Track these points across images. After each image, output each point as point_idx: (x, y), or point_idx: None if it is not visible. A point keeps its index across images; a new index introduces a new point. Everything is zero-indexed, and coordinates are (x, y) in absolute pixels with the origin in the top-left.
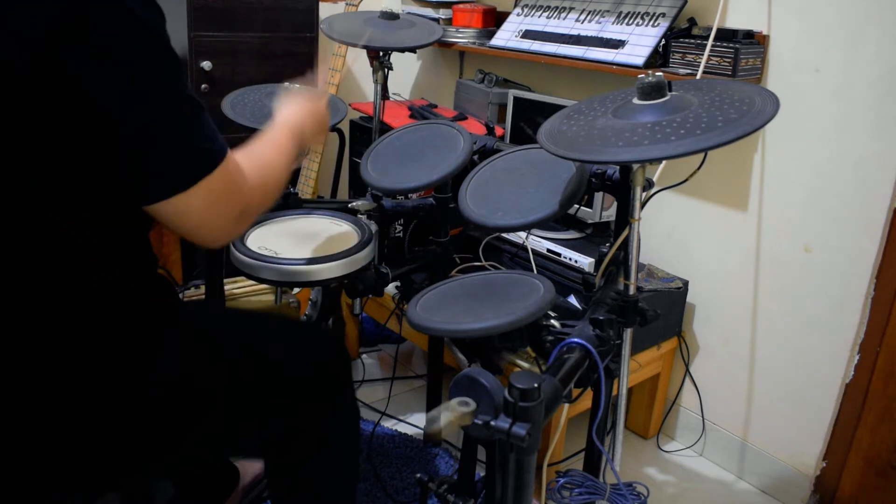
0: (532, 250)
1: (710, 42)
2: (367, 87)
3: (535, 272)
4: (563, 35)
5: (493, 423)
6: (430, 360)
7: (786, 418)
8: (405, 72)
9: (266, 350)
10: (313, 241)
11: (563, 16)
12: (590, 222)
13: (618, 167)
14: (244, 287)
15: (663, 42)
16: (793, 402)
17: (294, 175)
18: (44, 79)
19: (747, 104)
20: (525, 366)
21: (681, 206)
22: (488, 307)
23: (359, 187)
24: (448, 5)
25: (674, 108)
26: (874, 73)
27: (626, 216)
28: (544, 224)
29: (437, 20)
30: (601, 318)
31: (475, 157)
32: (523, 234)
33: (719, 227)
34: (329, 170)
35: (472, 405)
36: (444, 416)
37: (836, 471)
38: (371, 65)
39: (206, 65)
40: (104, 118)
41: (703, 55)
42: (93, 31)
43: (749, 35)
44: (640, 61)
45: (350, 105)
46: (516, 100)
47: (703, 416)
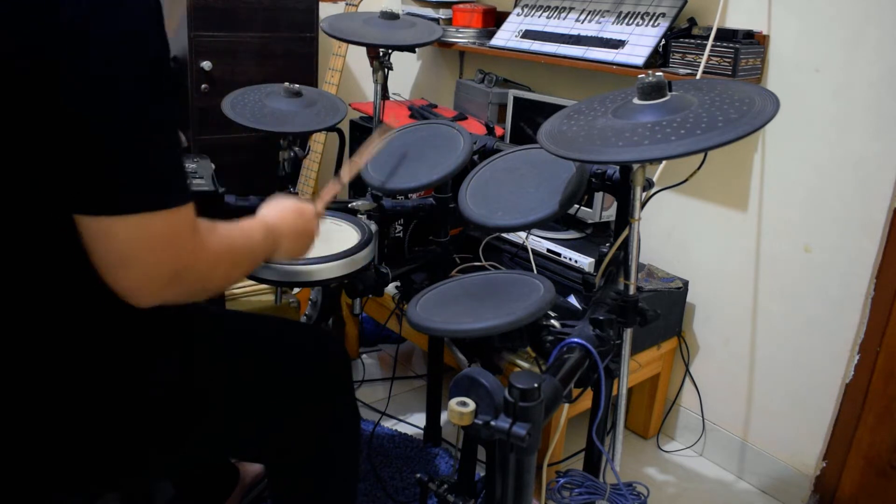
0: (532, 250)
1: (710, 42)
2: (367, 87)
3: (535, 272)
4: (563, 35)
5: (493, 423)
6: (430, 360)
7: (786, 418)
8: (405, 72)
9: (266, 350)
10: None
11: (563, 16)
12: (590, 222)
13: (618, 167)
14: (244, 287)
15: (663, 42)
16: (793, 402)
17: (294, 175)
18: (36, 86)
19: (747, 104)
20: (525, 366)
21: (681, 206)
22: (488, 307)
23: (359, 187)
24: (448, 5)
25: (674, 108)
26: (874, 73)
27: (626, 216)
28: (544, 224)
29: (437, 20)
30: (601, 318)
31: (475, 157)
32: (523, 234)
33: (719, 227)
34: (329, 170)
35: (471, 405)
36: None
37: (836, 471)
38: (371, 65)
39: (206, 65)
40: (79, 126)
41: (703, 55)
42: (93, 49)
43: (749, 35)
44: (640, 61)
45: (350, 105)
46: (516, 100)
47: (703, 416)
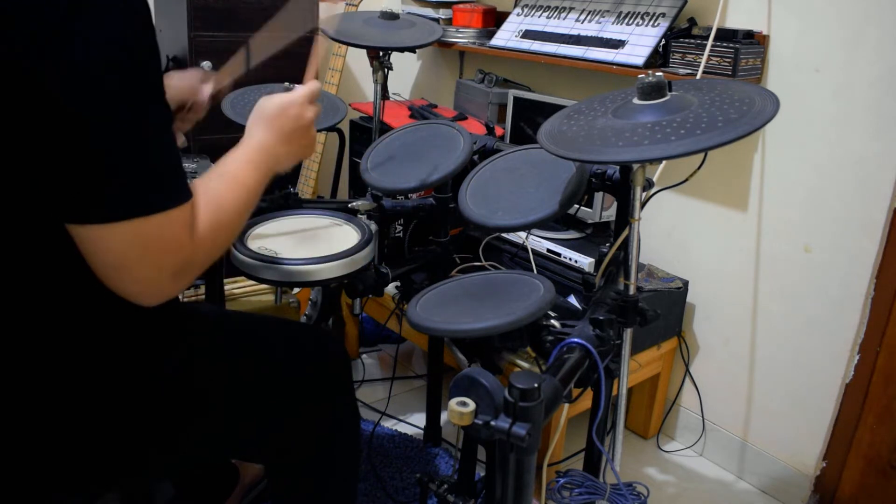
0: (532, 250)
1: (710, 42)
2: (367, 87)
3: (535, 272)
4: (563, 35)
5: (493, 423)
6: (430, 360)
7: (786, 418)
8: (405, 72)
9: (266, 350)
10: (313, 241)
11: (563, 16)
12: (590, 222)
13: (618, 167)
14: (244, 287)
15: (663, 42)
16: (793, 402)
17: (294, 175)
18: (18, 90)
19: (747, 104)
20: (525, 366)
21: (681, 206)
22: (488, 307)
23: (359, 187)
24: (448, 5)
25: (674, 108)
26: (874, 73)
27: (626, 216)
28: (544, 224)
29: (437, 20)
30: (601, 318)
31: (475, 157)
32: (523, 234)
33: (719, 227)
34: (329, 170)
35: (471, 405)
36: None
37: (836, 471)
38: (371, 65)
39: (206, 65)
40: (64, 129)
41: (703, 55)
42: (79, 43)
43: (749, 35)
44: (640, 61)
45: (350, 105)
46: (516, 100)
47: (703, 416)
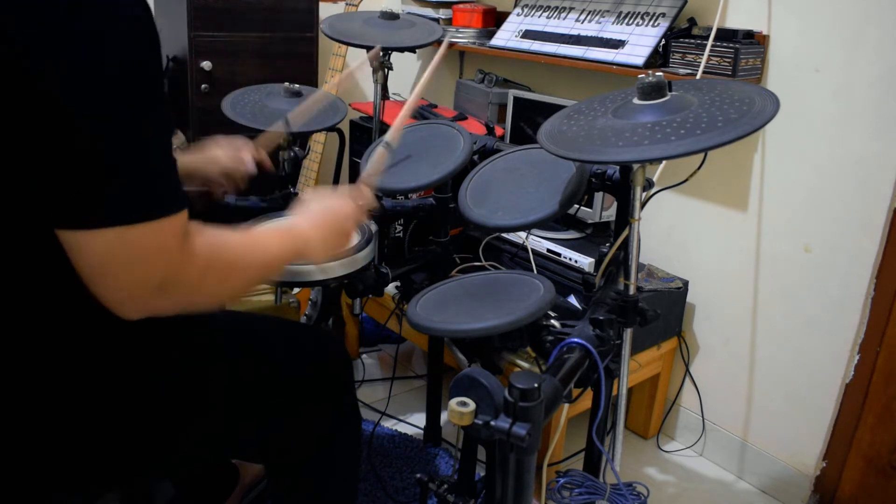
0: (532, 250)
1: (710, 42)
2: (367, 87)
3: (535, 272)
4: (563, 35)
5: (493, 423)
6: (430, 360)
7: (786, 418)
8: (405, 72)
9: (266, 350)
10: None
11: (563, 16)
12: (590, 222)
13: (618, 167)
14: None
15: (663, 42)
16: (793, 402)
17: (294, 175)
18: (26, 82)
19: (747, 104)
20: (525, 366)
21: (681, 206)
22: (488, 307)
23: None
24: (448, 5)
25: (674, 108)
26: (874, 73)
27: (626, 216)
28: (544, 224)
29: (437, 20)
30: (601, 318)
31: (475, 157)
32: (523, 234)
33: (719, 227)
34: (329, 170)
35: (471, 405)
36: None
37: (836, 471)
38: (371, 65)
39: (206, 65)
40: (52, 131)
41: (703, 55)
42: (78, 47)
43: (749, 35)
44: (640, 61)
45: (350, 105)
46: (516, 100)
47: (703, 416)
